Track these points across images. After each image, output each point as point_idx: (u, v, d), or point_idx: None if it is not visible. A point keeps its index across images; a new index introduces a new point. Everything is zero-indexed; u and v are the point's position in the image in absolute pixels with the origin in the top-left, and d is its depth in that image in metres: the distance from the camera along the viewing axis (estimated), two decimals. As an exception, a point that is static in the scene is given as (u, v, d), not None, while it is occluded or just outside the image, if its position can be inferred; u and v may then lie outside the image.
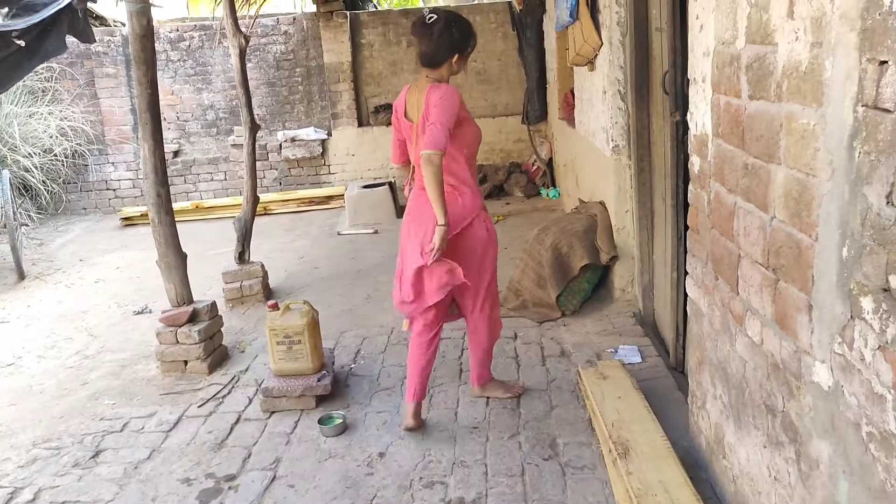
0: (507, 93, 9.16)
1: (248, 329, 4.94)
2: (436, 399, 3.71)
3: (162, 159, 4.18)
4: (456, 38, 3.15)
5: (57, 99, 9.00)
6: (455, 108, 3.08)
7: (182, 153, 9.38)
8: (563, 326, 4.51)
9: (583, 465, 3.03)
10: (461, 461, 3.13)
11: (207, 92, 9.31)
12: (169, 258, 4.29)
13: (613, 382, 3.44)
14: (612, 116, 4.51)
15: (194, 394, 3.99)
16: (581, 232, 4.73)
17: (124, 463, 3.32)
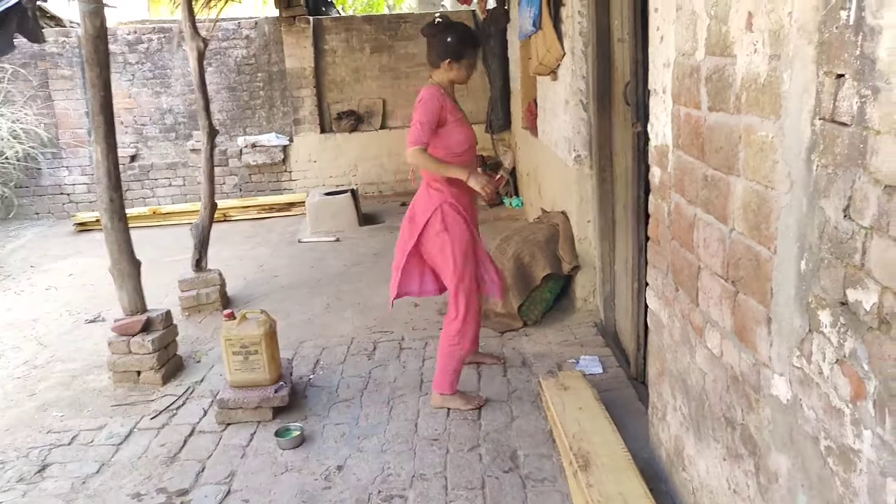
0: (471, 101, 9.15)
1: (205, 338, 4.83)
2: (396, 410, 3.66)
3: (115, 163, 4.07)
4: (450, 43, 3.38)
5: (9, 100, 8.76)
6: (434, 108, 3.31)
7: (139, 157, 9.20)
8: (525, 336, 4.49)
9: (543, 477, 3.00)
10: (420, 474, 3.08)
11: (166, 95, 9.14)
12: (122, 265, 4.18)
13: (574, 393, 3.43)
14: (575, 126, 4.51)
15: (147, 405, 3.88)
16: (543, 242, 4.72)
17: (72, 477, 3.20)
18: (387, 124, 9.31)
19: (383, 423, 3.54)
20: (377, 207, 8.50)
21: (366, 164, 9.18)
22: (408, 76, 9.20)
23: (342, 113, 9.12)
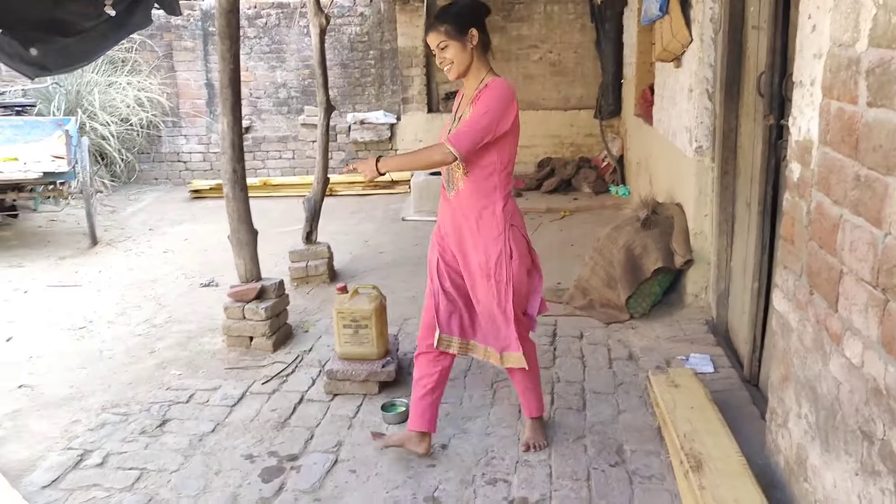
0: (582, 86, 9.00)
1: (313, 309, 4.96)
2: (499, 394, 3.66)
3: (240, 135, 4.20)
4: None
5: (136, 70, 9.19)
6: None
7: (253, 130, 9.49)
8: (632, 329, 4.40)
9: (651, 474, 2.94)
10: (525, 460, 3.07)
11: (281, 70, 9.39)
12: (241, 234, 4.32)
13: (685, 391, 3.33)
14: (698, 116, 4.35)
15: (258, 370, 4.02)
16: (656, 233, 4.60)
17: (189, 434, 3.35)
18: (494, 106, 9.25)
19: (487, 406, 3.54)
20: (480, 189, 8.47)
21: (470, 145, 9.16)
22: (518, 58, 9.10)
23: (450, 93, 9.13)
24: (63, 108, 8.33)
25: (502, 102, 2.77)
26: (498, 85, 2.80)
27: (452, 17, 2.82)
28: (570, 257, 5.83)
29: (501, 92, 2.78)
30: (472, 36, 2.83)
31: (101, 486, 2.96)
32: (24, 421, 3.53)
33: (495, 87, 2.80)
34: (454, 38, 2.81)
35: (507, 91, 2.79)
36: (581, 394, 3.63)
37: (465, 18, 2.82)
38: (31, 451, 3.25)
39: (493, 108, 2.76)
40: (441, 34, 2.82)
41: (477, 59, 2.87)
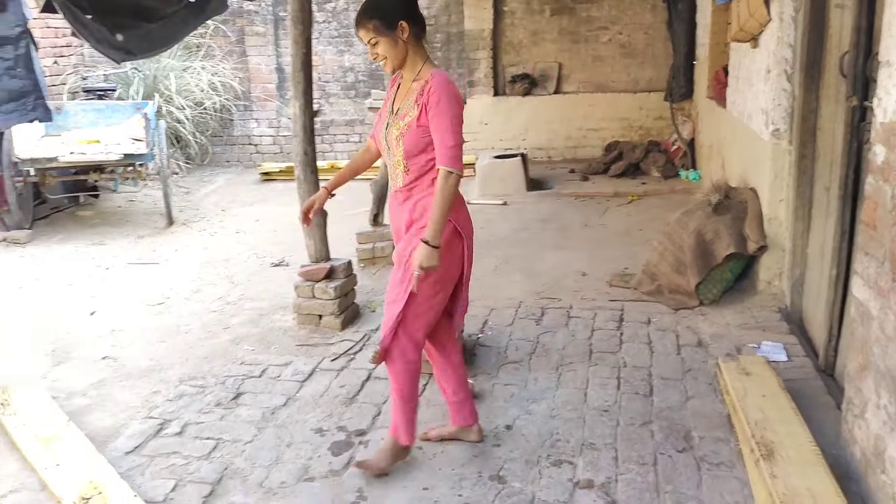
0: (652, 68, 8.83)
1: (379, 290, 5.03)
2: (564, 377, 3.66)
3: (311, 119, 4.29)
4: None
5: (209, 55, 9.42)
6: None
7: (321, 113, 9.62)
8: (701, 316, 4.32)
9: (720, 461, 2.90)
10: (590, 443, 3.07)
11: (349, 54, 9.49)
12: (311, 215, 4.40)
13: (757, 379, 3.27)
14: (775, 98, 4.23)
15: (327, 348, 4.11)
16: (728, 218, 4.50)
17: (262, 407, 3.46)
18: (561, 89, 9.17)
19: (552, 389, 3.55)
20: (545, 173, 8.43)
21: (537, 128, 9.11)
22: (587, 40, 8.98)
23: (516, 76, 9.07)
24: (141, 92, 8.62)
25: (457, 104, 2.67)
26: (442, 85, 2.67)
27: (380, 11, 2.68)
28: (638, 242, 5.76)
29: (450, 94, 2.66)
30: (403, 28, 2.69)
31: (180, 454, 3.09)
32: (108, 390, 3.70)
33: (441, 90, 2.65)
34: (384, 34, 2.68)
35: (453, 90, 2.69)
36: (648, 379, 3.60)
37: (394, 11, 2.68)
38: (114, 420, 3.41)
39: (455, 114, 2.65)
40: (370, 30, 2.68)
41: (411, 51, 2.74)
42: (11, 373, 3.90)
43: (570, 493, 2.75)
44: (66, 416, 3.33)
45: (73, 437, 3.15)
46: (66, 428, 3.22)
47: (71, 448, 3.06)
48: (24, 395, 3.51)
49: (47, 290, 5.28)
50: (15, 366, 4.01)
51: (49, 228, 6.87)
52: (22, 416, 3.32)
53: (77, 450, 3.05)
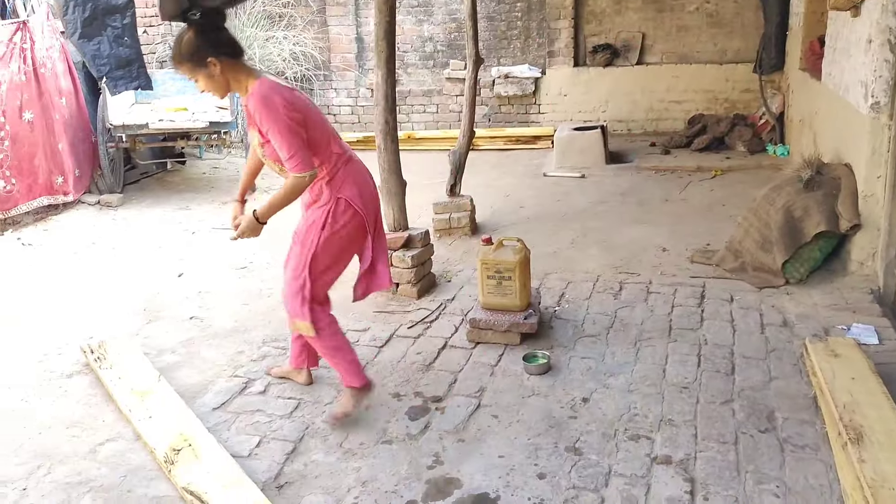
0: (740, 38, 8.50)
1: (455, 260, 5.06)
2: (643, 353, 3.61)
3: (393, 87, 4.32)
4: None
5: (291, 24, 9.55)
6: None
7: (399, 83, 9.64)
8: (787, 295, 4.19)
9: (804, 443, 2.82)
10: (669, 419, 3.03)
11: (428, 24, 9.46)
12: (391, 184, 4.46)
13: (846, 362, 3.16)
14: (876, 69, 4.02)
15: (404, 315, 4.17)
16: (819, 195, 4.32)
17: (341, 371, 3.55)
18: (644, 60, 8.93)
19: (630, 364, 3.51)
20: (625, 146, 8.26)
21: (617, 100, 8.92)
22: (672, 9, 8.71)
23: (598, 46, 8.88)
24: (226, 61, 8.81)
25: (276, 111, 2.76)
26: (257, 100, 2.77)
27: (186, 55, 2.81)
28: (721, 218, 5.60)
29: (267, 104, 2.76)
30: (213, 64, 2.81)
31: (264, 412, 3.20)
32: (195, 349, 3.86)
33: (257, 105, 2.77)
34: (198, 72, 2.83)
35: (268, 98, 2.77)
36: (730, 357, 3.52)
37: (198, 51, 2.80)
38: (202, 377, 3.56)
39: (278, 123, 2.76)
40: (186, 71, 2.86)
41: (232, 76, 2.86)
42: (107, 330, 4.11)
43: (647, 468, 2.73)
44: (158, 371, 3.49)
45: (165, 392, 3.30)
46: (158, 383, 3.38)
47: (162, 402, 3.22)
48: (118, 351, 3.69)
49: (138, 252, 5.50)
50: (110, 323, 4.21)
51: (139, 193, 7.15)
52: (117, 370, 3.50)
53: (168, 404, 3.20)
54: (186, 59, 2.82)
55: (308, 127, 2.88)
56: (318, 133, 2.93)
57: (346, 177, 3.02)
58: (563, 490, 2.63)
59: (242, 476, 2.68)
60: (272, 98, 2.79)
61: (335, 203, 2.99)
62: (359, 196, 3.04)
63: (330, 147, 2.99)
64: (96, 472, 2.82)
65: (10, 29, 6.00)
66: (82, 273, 5.08)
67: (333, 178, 3.00)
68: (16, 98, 5.97)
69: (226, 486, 2.62)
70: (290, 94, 2.87)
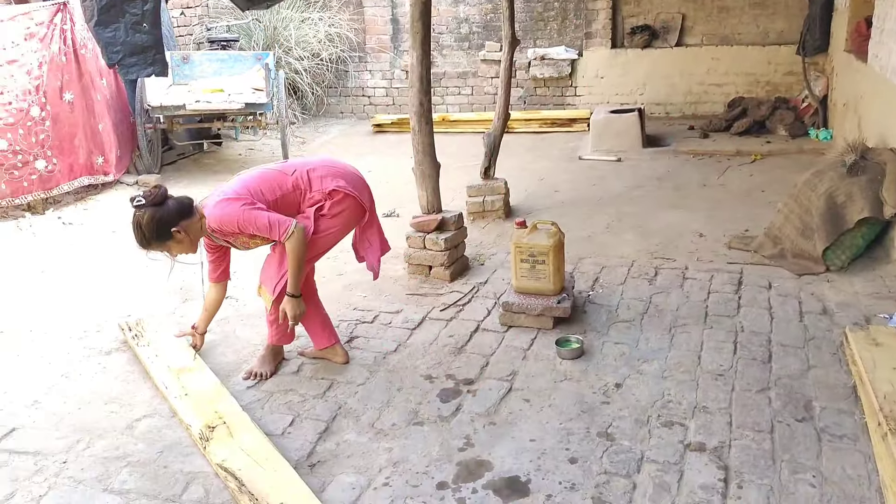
0: (784, 19, 8.29)
1: (488, 243, 5.05)
2: (677, 339, 3.57)
3: (428, 69, 4.29)
4: None
5: (327, 6, 9.54)
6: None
7: (434, 65, 9.60)
8: (827, 282, 4.11)
9: (842, 434, 2.77)
10: (703, 406, 3.00)
11: (464, 5, 9.39)
12: (424, 166, 4.45)
13: (888, 351, 3.09)
14: (926, 50, 3.89)
15: (436, 298, 4.17)
16: (863, 181, 4.21)
17: (374, 352, 3.57)
18: (683, 41, 8.76)
19: (664, 350, 3.47)
20: (662, 129, 8.14)
21: (655, 82, 8.77)
22: (714, -12, 8.53)
23: (636, 27, 8.74)
24: (262, 43, 8.86)
25: (226, 219, 3.03)
26: (215, 224, 3.06)
27: (152, 236, 2.99)
28: (761, 204, 5.50)
29: (219, 223, 3.06)
30: (180, 232, 3.02)
31: (297, 392, 3.24)
32: (231, 328, 3.91)
33: (216, 225, 3.06)
34: (168, 245, 3.05)
35: (217, 220, 3.05)
36: (767, 345, 3.46)
37: (163, 228, 2.99)
38: (237, 355, 3.60)
39: (230, 226, 3.05)
40: (159, 250, 3.08)
41: (193, 230, 3.07)
42: (144, 308, 4.18)
43: (680, 455, 2.70)
44: (193, 349, 3.54)
45: (200, 370, 3.35)
46: (194, 361, 3.43)
47: (198, 380, 3.26)
48: (155, 328, 3.75)
49: (175, 231, 5.57)
50: (147, 302, 4.28)
51: (176, 173, 7.24)
52: (154, 348, 3.56)
53: (203, 381, 3.25)
54: (154, 240, 3.01)
55: (260, 193, 3.11)
56: (276, 187, 3.16)
57: (318, 178, 3.23)
58: (594, 475, 2.62)
59: (276, 454, 2.71)
60: (224, 213, 3.03)
61: (328, 196, 3.22)
62: (343, 180, 3.26)
63: (286, 180, 3.20)
64: (133, 448, 2.88)
65: (51, 10, 6.08)
66: (121, 252, 5.15)
67: (312, 188, 3.21)
68: (56, 79, 6.07)
69: (259, 464, 2.65)
70: (226, 190, 3.11)
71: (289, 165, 3.32)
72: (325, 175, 3.24)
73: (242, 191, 3.09)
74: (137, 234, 3.00)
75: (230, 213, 3.02)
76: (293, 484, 2.56)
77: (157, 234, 2.99)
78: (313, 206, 3.23)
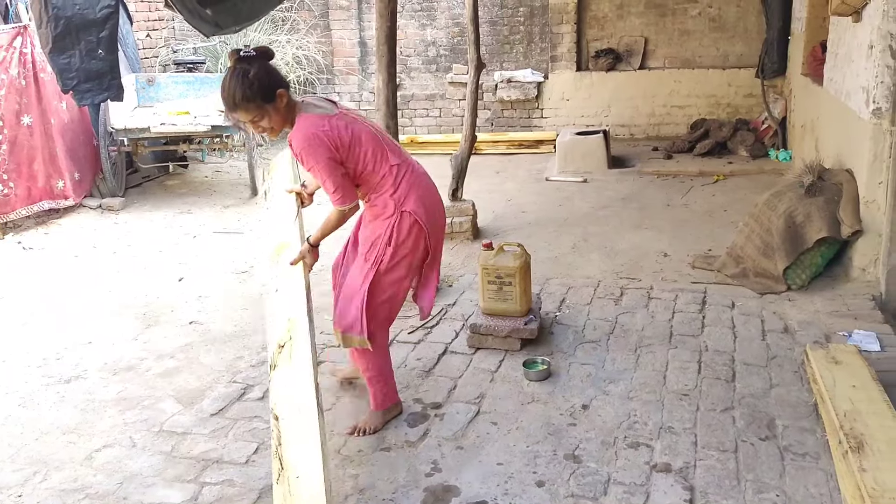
0: (743, 42, 8.48)
1: (456, 265, 5.05)
2: (643, 359, 3.60)
3: (394, 92, 4.32)
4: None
5: (294, 28, 9.55)
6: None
7: (402, 87, 9.64)
8: (788, 301, 4.17)
9: (805, 452, 2.81)
10: (669, 427, 3.02)
11: (431, 28, 9.46)
12: (391, 188, 4.44)
13: (847, 369, 3.14)
14: (878, 75, 4.00)
15: (405, 320, 4.14)
16: (821, 201, 4.31)
17: (341, 377, 3.53)
18: (646, 64, 8.92)
19: (630, 370, 3.50)
20: (627, 150, 8.25)
21: (619, 105, 8.90)
22: (674, 13, 8.68)
23: (600, 51, 8.87)
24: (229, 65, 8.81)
25: (314, 149, 2.74)
26: (297, 140, 2.77)
27: (258, 88, 2.71)
28: (723, 223, 5.59)
29: (306, 143, 2.75)
30: (282, 97, 2.76)
31: (262, 419, 3.19)
32: (195, 354, 3.85)
33: (298, 145, 2.77)
34: (267, 108, 2.75)
35: (306, 141, 2.75)
36: (730, 364, 3.50)
37: (270, 85, 2.74)
38: (200, 382, 3.55)
39: (312, 161, 2.77)
40: (251, 111, 2.75)
41: (289, 108, 2.82)
42: (106, 334, 4.10)
43: (646, 476, 2.71)
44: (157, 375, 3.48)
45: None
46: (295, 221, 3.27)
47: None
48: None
49: (139, 256, 5.50)
50: (109, 328, 4.21)
51: (140, 197, 7.15)
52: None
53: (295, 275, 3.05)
54: (258, 94, 2.71)
55: (357, 155, 2.85)
56: (369, 154, 2.87)
57: (409, 188, 2.94)
58: (561, 498, 2.62)
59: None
60: (313, 139, 2.75)
61: (399, 217, 2.92)
62: (423, 209, 2.95)
63: (387, 160, 2.91)
64: (92, 479, 2.81)
65: (11, 33, 6.01)
66: (83, 277, 5.08)
67: (397, 191, 2.92)
68: (15, 102, 5.99)
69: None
70: (330, 129, 2.79)
71: (400, 150, 3.02)
72: (409, 190, 2.94)
73: (341, 140, 2.80)
74: (241, 86, 2.69)
75: (312, 147, 2.75)
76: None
77: (263, 88, 2.70)
78: (379, 217, 2.97)
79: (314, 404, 2.49)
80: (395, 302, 3.07)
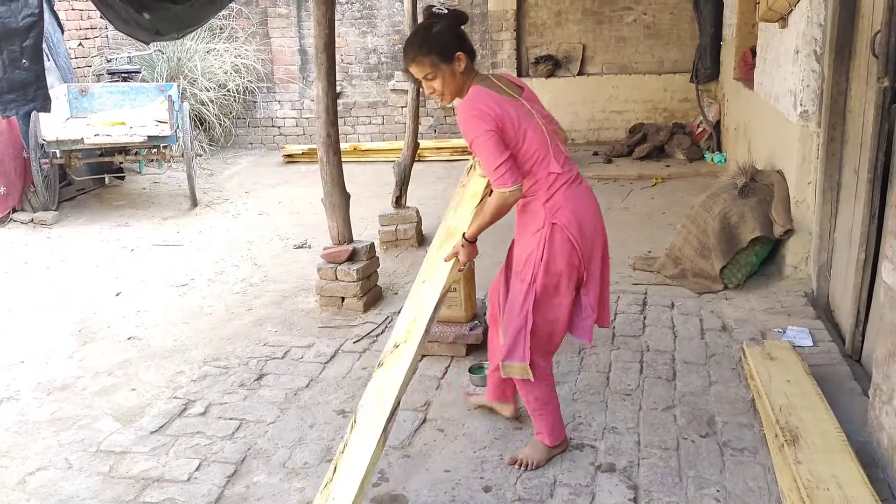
0: (677, 49, 8.70)
1: (401, 272, 5.04)
2: (587, 361, 3.64)
3: (334, 100, 4.28)
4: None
5: (233, 37, 9.43)
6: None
7: (343, 95, 9.60)
8: (725, 300, 4.28)
9: (743, 447, 2.88)
10: (612, 427, 3.06)
11: (372, 35, 9.45)
12: (334, 197, 4.42)
13: (782, 364, 3.23)
14: (804, 79, 4.15)
15: (350, 330, 4.13)
16: (754, 202, 4.44)
17: (285, 388, 3.49)
18: (585, 70, 9.07)
19: (574, 373, 3.54)
20: (569, 156, 8.35)
21: (559, 110, 8.97)
22: (611, 21, 8.86)
23: (540, 58, 8.98)
24: (165, 74, 8.65)
25: (473, 125, 2.54)
26: (461, 114, 2.58)
27: (437, 45, 2.55)
28: (662, 225, 5.71)
29: (468, 117, 2.55)
30: (460, 60, 2.58)
31: (204, 434, 3.13)
32: (133, 370, 3.75)
33: (461, 118, 2.58)
34: (442, 68, 2.57)
35: (468, 111, 2.56)
36: (671, 364, 3.57)
37: (450, 44, 2.57)
38: (140, 399, 3.46)
39: (473, 135, 2.55)
40: (426, 66, 2.58)
41: (466, 75, 2.62)
42: (40, 352, 3.97)
43: (591, 477, 2.75)
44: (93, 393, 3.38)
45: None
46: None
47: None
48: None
49: (74, 271, 5.34)
50: (43, 345, 4.07)
51: (75, 210, 6.95)
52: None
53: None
54: (435, 50, 2.54)
55: (516, 150, 2.59)
56: (533, 149, 2.62)
57: (565, 201, 2.65)
58: (508, 502, 2.63)
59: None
60: (476, 111, 2.54)
61: (550, 229, 2.64)
62: (576, 226, 2.65)
63: (547, 167, 2.63)
64: None
65: (-65, 43, 5.77)
66: (14, 293, 4.90)
67: (550, 200, 2.64)
68: (-60, 114, 5.76)
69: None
70: (499, 106, 2.56)
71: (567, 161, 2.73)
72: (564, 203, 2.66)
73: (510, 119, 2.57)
74: (420, 39, 2.57)
75: (474, 119, 2.53)
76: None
77: (442, 45, 2.53)
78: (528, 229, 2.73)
79: (384, 420, 2.42)
80: (557, 327, 2.77)
